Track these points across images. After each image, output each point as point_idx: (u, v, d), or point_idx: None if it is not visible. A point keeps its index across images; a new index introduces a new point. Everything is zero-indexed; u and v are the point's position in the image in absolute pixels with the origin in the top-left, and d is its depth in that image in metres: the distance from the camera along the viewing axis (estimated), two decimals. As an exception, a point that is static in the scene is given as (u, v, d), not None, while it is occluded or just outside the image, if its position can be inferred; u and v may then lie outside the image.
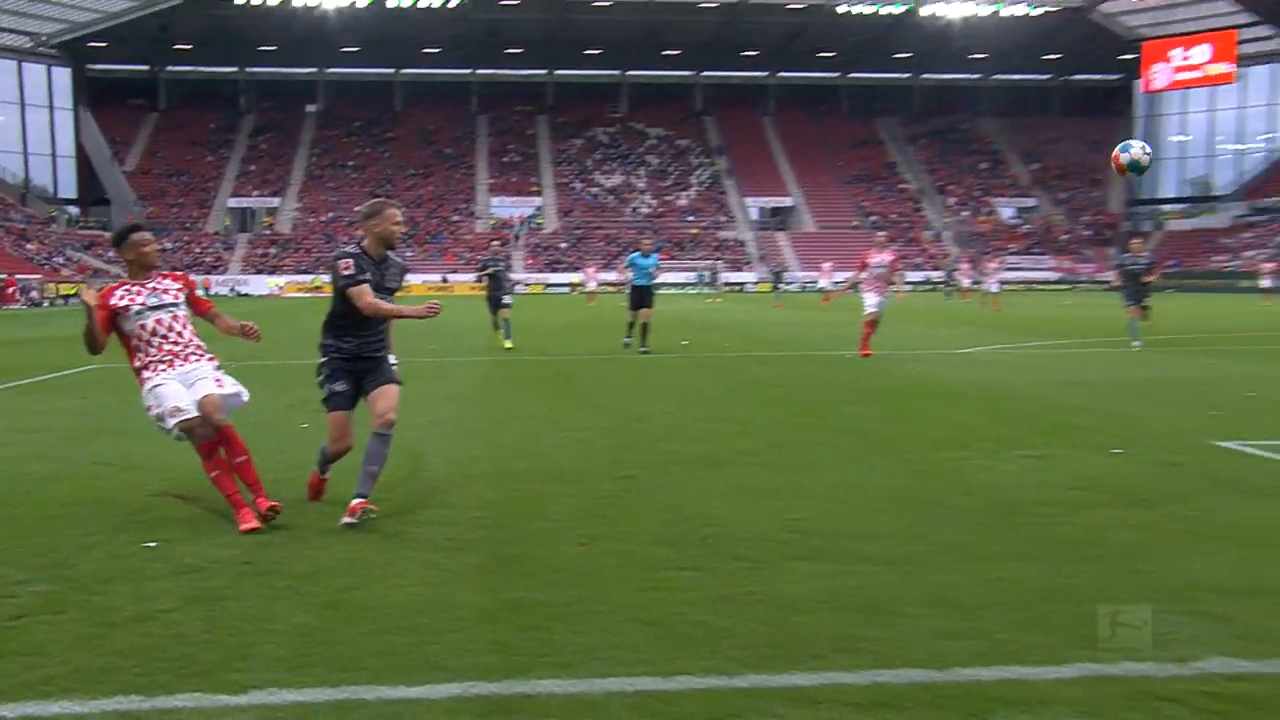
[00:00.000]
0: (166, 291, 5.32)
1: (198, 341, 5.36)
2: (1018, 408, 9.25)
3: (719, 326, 23.28)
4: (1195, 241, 64.61)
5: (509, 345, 16.40)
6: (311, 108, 77.61)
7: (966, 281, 40.36)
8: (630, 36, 70.37)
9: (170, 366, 5.19)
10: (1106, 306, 29.47)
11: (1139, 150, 8.98)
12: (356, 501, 5.01)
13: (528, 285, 57.27)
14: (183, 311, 5.37)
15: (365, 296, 5.12)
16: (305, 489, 5.62)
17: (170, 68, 75.33)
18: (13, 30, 63.88)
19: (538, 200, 72.24)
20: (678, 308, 33.35)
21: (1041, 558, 4.50)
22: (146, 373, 5.20)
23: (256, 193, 71.04)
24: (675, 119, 78.84)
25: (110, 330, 5.23)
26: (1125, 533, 4.93)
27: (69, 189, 71.19)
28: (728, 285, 58.68)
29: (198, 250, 64.68)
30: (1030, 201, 74.29)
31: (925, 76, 79.50)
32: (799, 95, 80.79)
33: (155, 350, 5.21)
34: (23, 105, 68.37)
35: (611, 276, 41.74)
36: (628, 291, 16.01)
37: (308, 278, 59.94)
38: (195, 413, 5.06)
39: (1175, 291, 45.47)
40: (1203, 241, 64.00)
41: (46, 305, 45.27)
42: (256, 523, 4.95)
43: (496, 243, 19.00)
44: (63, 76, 70.33)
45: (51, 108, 70.05)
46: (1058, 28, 68.51)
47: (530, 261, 65.06)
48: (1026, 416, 8.70)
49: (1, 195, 62.11)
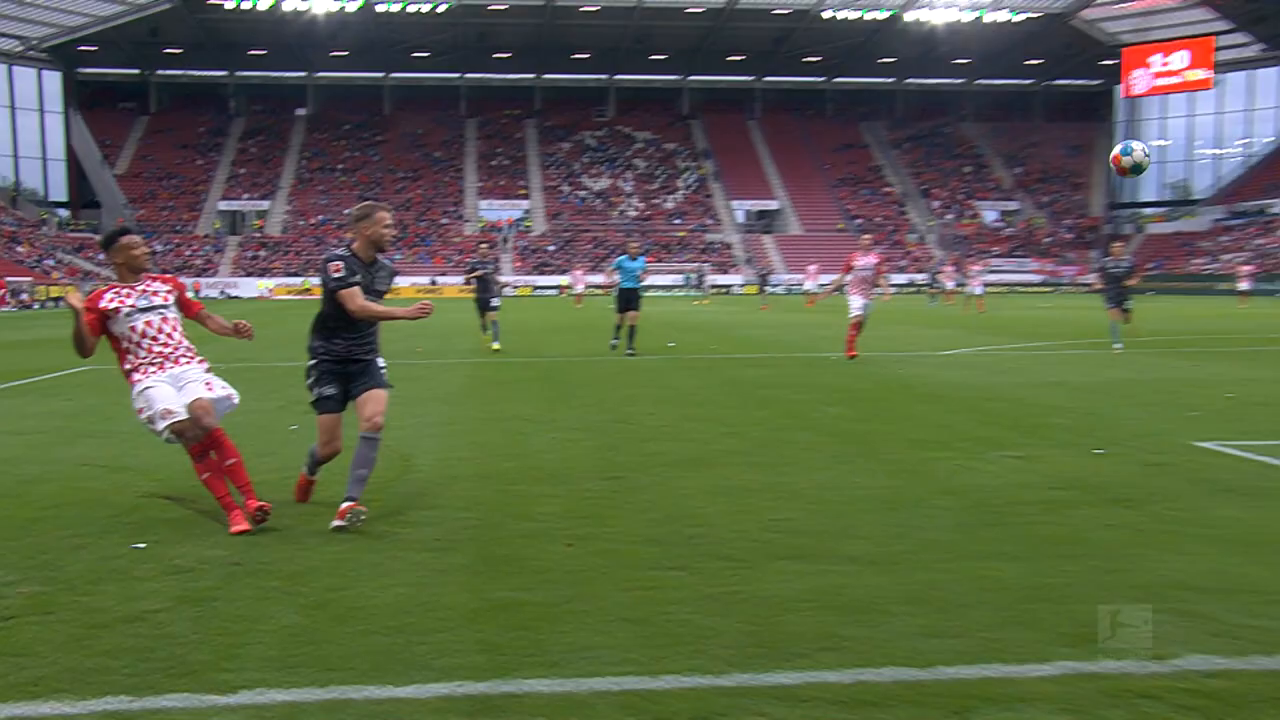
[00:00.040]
0: (156, 294, 5.31)
1: (187, 344, 5.36)
2: (1000, 408, 9.30)
3: (705, 328, 23.30)
4: (1175, 244, 65.18)
5: (496, 347, 16.43)
6: (301, 111, 77.35)
7: (950, 284, 40.55)
8: (617, 41, 70.36)
9: (160, 369, 5.18)
10: (1088, 309, 29.71)
11: (1140, 154, 9.09)
12: (346, 504, 5.02)
13: (516, 287, 57.20)
14: (172, 314, 5.36)
15: (356, 299, 5.12)
16: (294, 490, 5.63)
17: (160, 71, 74.93)
18: (3, 34, 63.48)
19: (526, 203, 72.13)
20: (664, 310, 33.39)
21: (1023, 557, 4.54)
22: (136, 375, 5.19)
23: (246, 196, 70.73)
24: (662, 122, 78.89)
25: (100, 333, 5.22)
26: (1105, 532, 4.97)
27: (59, 192, 70.89)
28: (714, 288, 58.71)
29: (188, 253, 64.33)
30: (1013, 205, 74.67)
31: (909, 81, 79.75)
32: (785, 99, 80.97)
33: (145, 352, 5.20)
34: (13, 108, 68.03)
35: (599, 279, 41.76)
36: (615, 294, 16.05)
37: (297, 280, 59.77)
38: (186, 415, 5.06)
39: (1155, 294, 45.82)
40: (1182, 244, 64.55)
41: (37, 307, 45.00)
42: (247, 525, 4.96)
43: (485, 245, 18.94)
44: (53, 80, 70.17)
45: (42, 111, 69.84)
46: (1040, 33, 68.87)
47: (518, 264, 64.99)
48: (1009, 417, 8.75)
49: (-8, 198, 61.93)
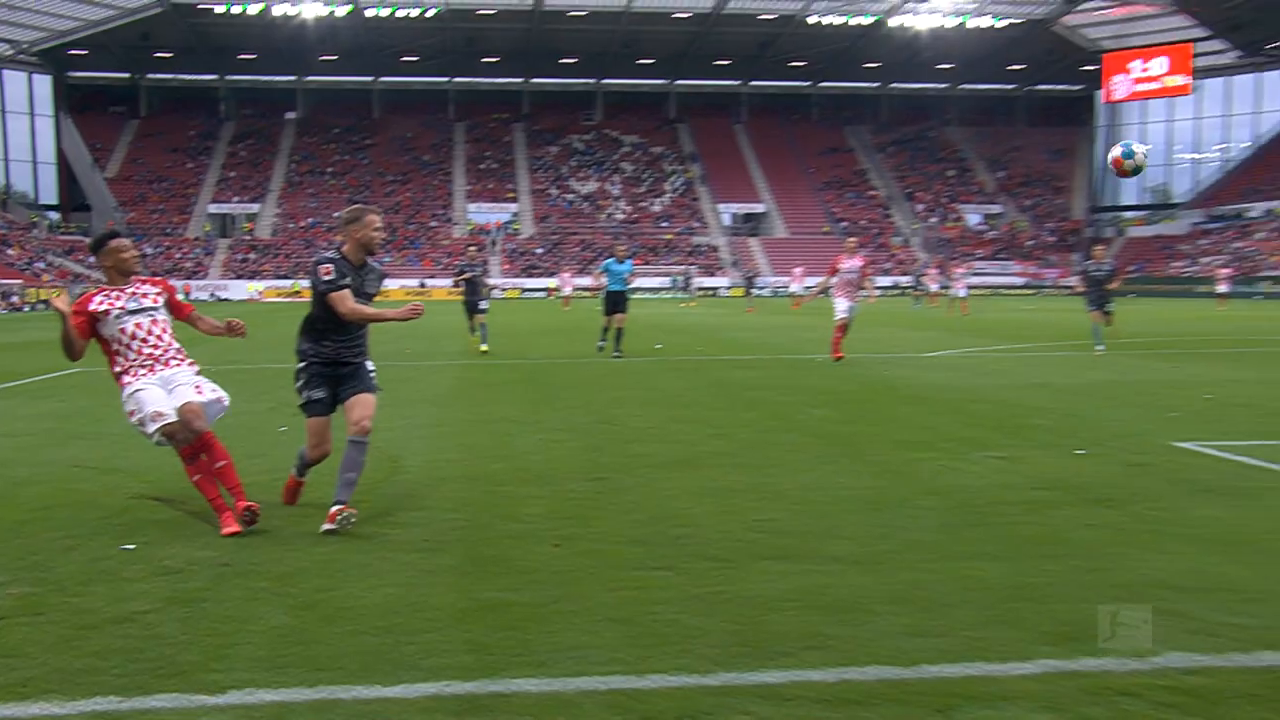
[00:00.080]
0: (145, 296, 5.30)
1: (177, 346, 5.34)
2: (984, 410, 9.36)
3: (692, 330, 23.35)
4: (1155, 247, 65.71)
5: (484, 349, 16.45)
6: (291, 115, 77.17)
7: (934, 286, 40.76)
8: (605, 46, 70.36)
9: (150, 371, 5.17)
10: (1070, 311, 29.87)
11: (1141, 156, 9.22)
12: (335, 508, 5.01)
13: (504, 290, 57.14)
14: (162, 316, 5.35)
15: (346, 302, 5.13)
16: (281, 492, 5.62)
17: (151, 75, 74.65)
18: (-6, 38, 63.28)
19: (514, 206, 72.06)
20: (652, 312, 33.45)
21: (1006, 556, 4.57)
22: (127, 377, 5.18)
23: (236, 199, 70.54)
24: (649, 126, 78.96)
25: (89, 336, 5.21)
26: (1087, 531, 5.02)
27: (50, 195, 70.61)
28: (701, 290, 58.84)
29: (178, 255, 64.12)
30: (996, 208, 75.05)
31: (894, 86, 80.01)
32: (770, 103, 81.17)
33: (135, 354, 5.19)
34: (4, 112, 67.74)
35: (586, 281, 41.74)
36: (602, 296, 16.07)
37: (287, 283, 59.58)
38: (176, 417, 5.04)
39: (1136, 296, 46.13)
40: (1162, 247, 65.10)
41: (27, 310, 44.81)
42: (238, 527, 4.97)
43: (473, 248, 18.97)
44: (44, 84, 69.84)
45: (33, 114, 69.52)
46: (1022, 39, 69.28)
47: (507, 267, 64.92)
48: (992, 418, 8.80)
49: (-17, 201, 61.60)
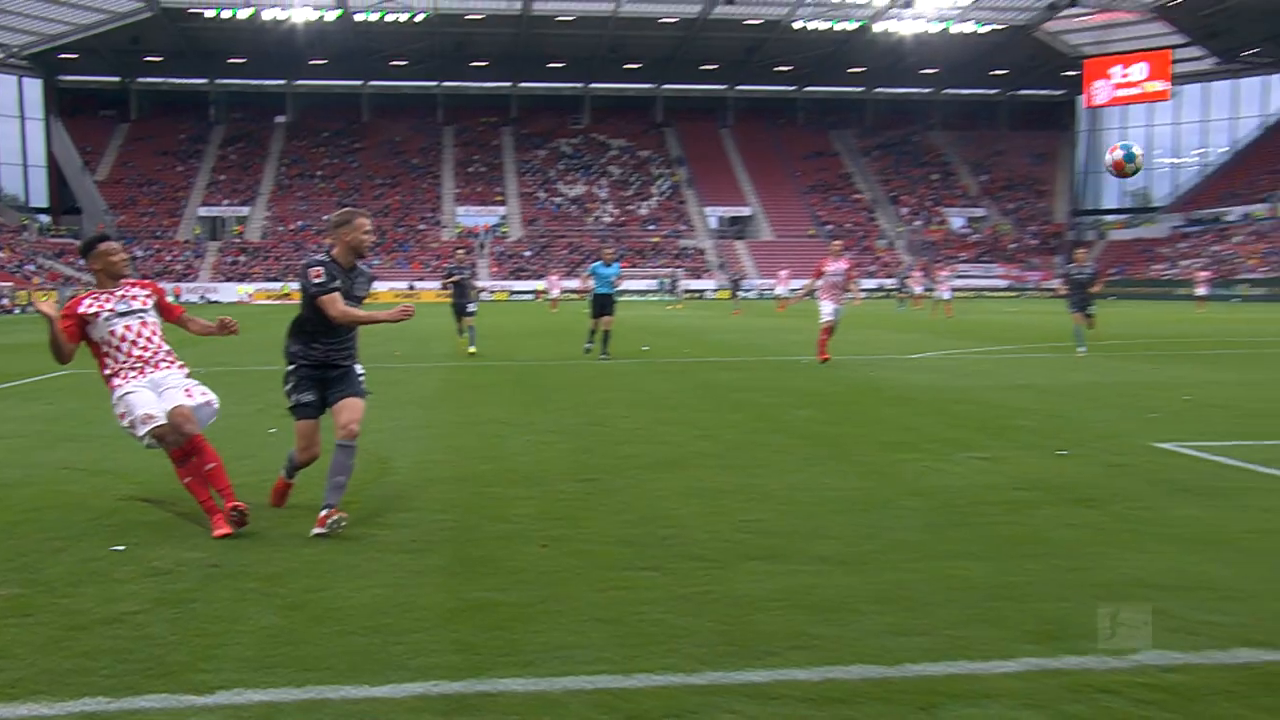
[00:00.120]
0: (135, 298, 5.30)
1: (167, 348, 5.33)
2: (967, 411, 9.41)
3: (679, 333, 23.38)
4: (1135, 250, 66.30)
5: (473, 351, 16.47)
6: (280, 119, 77.01)
7: (919, 289, 40.94)
8: (593, 50, 70.43)
9: (140, 374, 5.16)
10: (1053, 313, 30.07)
11: (1141, 158, 9.34)
12: (325, 512, 5.00)
13: (492, 293, 57.08)
14: (152, 318, 5.35)
15: (337, 304, 5.13)
16: (270, 494, 5.59)
17: (141, 79, 74.40)
18: (-16, 43, 62.87)
19: (502, 209, 72.01)
20: (639, 314, 33.46)
21: (988, 556, 4.61)
22: (116, 380, 5.17)
23: (226, 202, 70.35)
24: (636, 130, 79.05)
25: (79, 339, 5.20)
26: (1068, 531, 5.07)
27: (40, 198, 70.29)
28: (687, 292, 58.83)
29: (168, 258, 63.87)
30: (979, 211, 75.48)
31: (878, 90, 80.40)
32: (756, 108, 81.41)
33: (125, 357, 5.18)
34: (-6, 116, 67.44)
35: (574, 284, 41.73)
36: (590, 299, 16.10)
37: (277, 285, 59.43)
38: (166, 420, 5.03)
39: (1117, 299, 46.47)
40: (1142, 251, 65.70)
41: (17, 312, 44.60)
42: (229, 529, 4.97)
43: (462, 251, 18.96)
44: (34, 87, 69.56)
45: (23, 118, 69.23)
46: (1005, 45, 69.76)
47: (495, 269, 64.85)
48: (976, 420, 8.86)
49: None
